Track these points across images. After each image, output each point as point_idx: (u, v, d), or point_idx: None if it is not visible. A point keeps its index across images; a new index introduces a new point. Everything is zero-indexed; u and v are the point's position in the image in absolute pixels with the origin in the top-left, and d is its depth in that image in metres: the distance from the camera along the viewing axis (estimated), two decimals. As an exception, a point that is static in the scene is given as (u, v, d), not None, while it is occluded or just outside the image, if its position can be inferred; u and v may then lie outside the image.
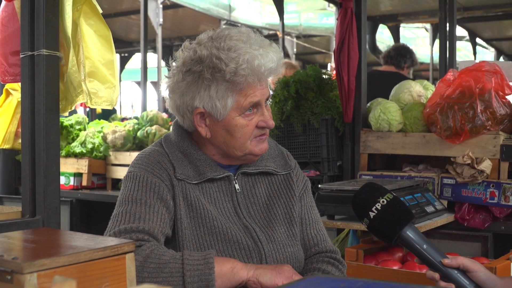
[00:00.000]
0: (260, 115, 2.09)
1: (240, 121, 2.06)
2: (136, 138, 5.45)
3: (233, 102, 2.04)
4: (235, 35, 2.05)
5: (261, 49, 2.02)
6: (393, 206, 1.99)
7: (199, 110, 2.07)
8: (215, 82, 2.02)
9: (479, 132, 3.57)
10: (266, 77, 2.07)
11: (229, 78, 1.99)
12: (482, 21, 11.34)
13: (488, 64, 3.68)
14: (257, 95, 2.05)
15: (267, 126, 2.11)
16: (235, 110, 2.05)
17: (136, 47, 14.58)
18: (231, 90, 2.02)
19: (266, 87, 2.09)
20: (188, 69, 2.05)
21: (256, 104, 2.07)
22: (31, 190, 2.46)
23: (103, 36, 2.73)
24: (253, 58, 1.99)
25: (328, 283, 1.17)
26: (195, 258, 1.87)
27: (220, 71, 1.99)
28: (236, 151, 2.10)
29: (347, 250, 3.16)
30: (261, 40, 2.07)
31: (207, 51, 2.02)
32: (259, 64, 2.00)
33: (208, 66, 2.01)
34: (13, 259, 1.25)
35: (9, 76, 2.67)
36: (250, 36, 2.06)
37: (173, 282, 1.83)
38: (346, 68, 4.13)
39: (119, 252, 1.41)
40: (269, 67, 2.03)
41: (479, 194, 3.55)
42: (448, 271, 1.95)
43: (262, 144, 2.13)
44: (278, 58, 2.06)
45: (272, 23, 14.09)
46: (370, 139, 4.04)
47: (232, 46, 2.00)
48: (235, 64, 1.98)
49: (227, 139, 2.09)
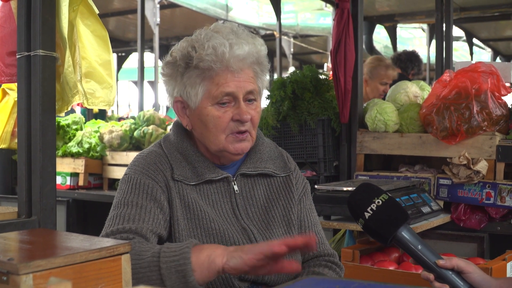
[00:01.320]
0: (236, 109, 2.05)
1: (212, 111, 2.04)
2: (132, 138, 5.45)
3: (204, 90, 2.03)
4: (220, 28, 2.06)
5: (235, 38, 2.02)
6: (388, 206, 2.00)
7: (177, 99, 2.10)
8: (188, 70, 2.04)
9: (475, 133, 3.57)
10: (238, 68, 2.03)
11: (196, 64, 2.01)
12: (479, 22, 11.35)
13: (484, 65, 3.69)
14: (230, 86, 2.02)
15: (240, 119, 2.04)
16: (207, 99, 2.04)
17: (133, 47, 14.58)
18: (200, 77, 2.03)
19: (246, 81, 2.05)
20: (169, 61, 2.10)
21: (233, 96, 2.04)
22: (27, 190, 2.46)
23: (100, 37, 2.73)
24: (220, 44, 1.98)
25: (323, 284, 1.18)
26: (172, 249, 1.78)
27: (191, 58, 2.01)
28: (211, 145, 2.08)
29: (343, 251, 3.16)
30: (242, 32, 2.06)
31: (187, 43, 2.06)
32: (223, 51, 1.98)
33: (184, 55, 2.04)
34: (8, 260, 1.25)
35: (5, 76, 2.67)
36: (232, 29, 2.06)
37: (152, 277, 1.76)
38: (342, 69, 4.13)
39: (115, 253, 1.41)
40: (236, 54, 2.00)
41: (475, 194, 3.56)
42: (442, 272, 1.96)
43: (239, 143, 2.08)
44: (251, 50, 2.03)
45: (269, 23, 14.11)
46: (366, 140, 4.04)
47: (208, 35, 2.02)
48: (202, 50, 1.99)
49: (203, 130, 2.08)
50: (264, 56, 2.11)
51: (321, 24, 15.11)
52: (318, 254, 2.22)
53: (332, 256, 2.24)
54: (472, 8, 9.73)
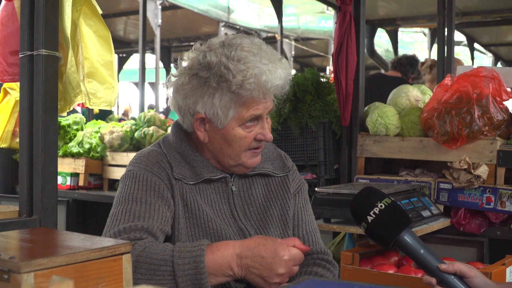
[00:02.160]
0: (260, 128, 2.10)
1: (239, 132, 2.06)
2: (133, 138, 5.45)
3: (235, 113, 2.03)
4: (246, 46, 2.03)
5: (270, 64, 2.01)
6: (391, 210, 2.00)
7: (200, 115, 2.07)
8: (220, 91, 2.01)
9: (476, 138, 3.57)
10: (271, 93, 2.06)
11: (235, 89, 1.99)
12: (480, 27, 11.34)
13: (485, 69, 3.69)
14: (260, 109, 2.05)
15: (265, 139, 2.11)
16: (236, 121, 2.05)
17: (134, 48, 14.58)
18: (234, 102, 2.02)
19: (270, 101, 2.09)
20: (195, 73, 2.04)
21: (258, 117, 2.07)
22: (29, 189, 2.46)
23: (103, 37, 2.73)
24: (261, 73, 1.98)
25: (323, 286, 1.18)
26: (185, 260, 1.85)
27: (227, 81, 1.99)
28: (229, 160, 2.11)
29: (343, 254, 3.16)
30: (272, 53, 2.06)
31: (217, 58, 2.01)
32: (266, 80, 1.99)
33: (215, 74, 2.00)
34: (10, 259, 1.26)
35: (8, 75, 2.67)
36: (261, 48, 2.05)
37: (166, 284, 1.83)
38: (344, 72, 4.13)
39: (116, 252, 1.41)
40: (276, 84, 2.02)
41: (476, 199, 3.55)
42: (444, 277, 1.96)
43: (256, 157, 2.15)
44: (286, 75, 2.06)
45: (271, 26, 14.12)
46: (367, 143, 4.04)
47: (242, 58, 1.99)
48: (242, 77, 1.97)
49: (224, 146, 2.09)
50: (291, 75, 2.15)
51: (322, 27, 15.13)
52: (311, 252, 2.23)
53: (325, 254, 2.25)
54: (473, 13, 9.72)
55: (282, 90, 2.09)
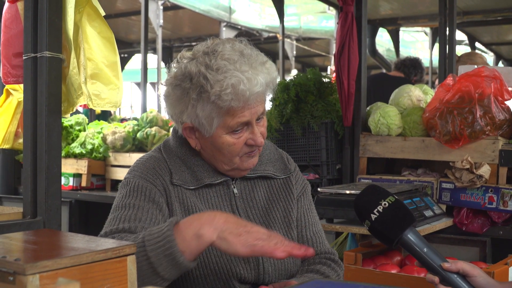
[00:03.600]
0: (250, 133, 2.05)
1: (227, 139, 2.03)
2: (135, 139, 5.45)
3: (219, 121, 2.00)
4: (227, 52, 1.99)
5: (251, 70, 1.96)
6: (395, 208, 2.00)
7: (188, 125, 2.06)
8: (202, 102, 1.98)
9: (478, 137, 3.58)
10: (253, 101, 2.00)
11: (214, 100, 1.95)
12: (482, 26, 11.34)
13: (487, 69, 3.69)
14: (246, 115, 2.01)
15: (255, 144, 2.07)
16: (222, 129, 2.02)
17: (136, 48, 14.58)
18: (216, 111, 1.98)
19: (258, 105, 2.03)
20: (178, 84, 2.03)
21: (246, 123, 2.03)
22: (33, 191, 2.47)
23: (107, 38, 2.74)
24: (238, 83, 1.93)
25: (328, 286, 1.18)
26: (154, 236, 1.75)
27: (206, 91, 1.96)
28: (224, 165, 2.10)
29: (345, 254, 3.16)
30: (255, 58, 2.01)
31: (196, 68, 1.98)
32: (243, 89, 1.94)
33: (195, 84, 1.98)
34: (15, 261, 1.26)
35: (12, 77, 2.68)
36: (243, 53, 2.00)
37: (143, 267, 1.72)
38: (346, 72, 4.13)
39: (121, 254, 1.42)
40: (255, 91, 1.97)
41: (478, 199, 3.56)
42: (447, 275, 1.96)
43: (251, 159, 2.11)
44: (267, 81, 2.01)
45: (272, 26, 14.11)
46: (369, 143, 4.05)
47: (221, 67, 1.95)
48: (219, 88, 1.93)
49: (215, 153, 2.08)
50: (276, 79, 2.09)
51: (323, 27, 15.12)
52: (318, 252, 2.22)
53: (331, 254, 2.24)
54: (475, 12, 9.72)
55: (264, 96, 2.05)
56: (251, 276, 2.04)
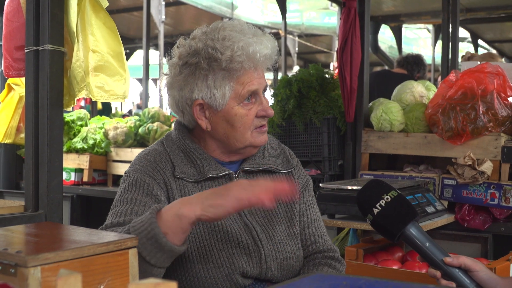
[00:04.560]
0: (259, 104, 2.09)
1: (239, 110, 2.06)
2: (137, 134, 5.45)
3: (231, 90, 2.04)
4: (228, 26, 2.06)
5: (255, 37, 2.04)
6: (397, 203, 2.00)
7: (198, 102, 2.07)
8: (212, 72, 2.02)
9: (480, 134, 3.57)
10: (262, 65, 2.08)
11: (226, 66, 2.00)
12: (485, 23, 11.32)
13: (490, 65, 3.68)
14: (255, 84, 2.06)
15: (266, 115, 2.11)
16: (234, 99, 2.05)
17: (138, 44, 14.55)
18: (228, 79, 2.03)
19: (263, 76, 2.10)
20: (185, 62, 2.06)
21: (254, 93, 2.07)
22: (34, 184, 2.46)
23: (111, 28, 2.72)
24: (248, 45, 2.01)
25: (329, 280, 1.18)
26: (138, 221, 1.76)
27: (216, 60, 2.00)
28: (236, 143, 2.10)
29: (347, 249, 3.16)
30: (254, 30, 2.09)
31: (202, 43, 2.03)
32: (254, 50, 2.01)
33: (204, 56, 2.02)
34: (17, 253, 1.26)
35: (14, 70, 2.68)
36: (243, 27, 2.08)
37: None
38: (348, 68, 4.13)
39: (122, 247, 1.42)
40: (264, 53, 2.04)
41: (480, 195, 3.55)
42: (449, 270, 1.96)
43: (262, 135, 2.13)
44: (272, 45, 2.08)
45: (275, 22, 14.10)
46: (371, 139, 4.04)
47: (226, 36, 2.02)
48: (230, 52, 1.99)
49: (228, 130, 2.08)
50: (277, 47, 2.15)
51: (326, 24, 15.10)
52: (318, 250, 2.22)
53: (333, 251, 2.24)
54: (477, 9, 9.71)
55: (272, 60, 2.11)
56: (254, 270, 2.04)
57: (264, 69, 2.12)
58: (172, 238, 1.74)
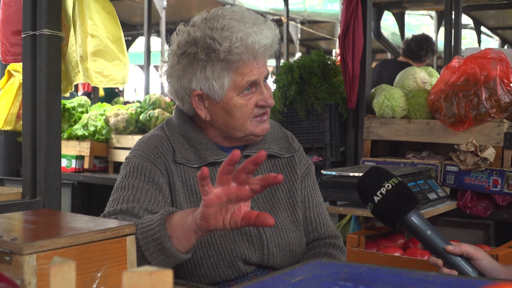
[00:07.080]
0: (259, 94, 2.06)
1: (238, 101, 2.03)
2: (138, 121, 5.43)
3: (230, 81, 2.01)
4: (228, 14, 2.02)
5: (255, 26, 2.00)
6: (398, 190, 1.97)
7: (197, 92, 2.05)
8: (210, 63, 1.99)
9: (483, 120, 3.55)
10: (262, 55, 2.04)
11: (224, 57, 1.97)
12: (487, 10, 11.27)
13: (493, 51, 3.66)
14: (254, 74, 2.02)
15: (266, 105, 2.07)
16: (233, 90, 2.02)
17: (139, 31, 14.52)
18: (227, 70, 2.00)
19: (264, 65, 2.07)
20: (183, 52, 2.03)
21: (255, 83, 2.04)
22: (32, 171, 2.45)
23: (110, 12, 2.69)
24: (247, 35, 1.97)
25: (331, 267, 1.16)
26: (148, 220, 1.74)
27: (215, 51, 1.97)
28: (236, 132, 2.08)
29: (349, 236, 3.15)
30: (255, 18, 2.05)
31: (201, 32, 2.00)
32: (253, 41, 1.97)
33: (202, 47, 1.99)
34: (12, 240, 1.24)
35: (11, 56, 2.65)
36: (243, 14, 2.04)
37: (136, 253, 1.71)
38: (350, 54, 4.10)
39: (120, 234, 1.40)
40: (264, 43, 2.00)
41: (482, 181, 3.54)
42: (451, 258, 1.94)
43: (263, 124, 2.10)
44: (273, 34, 2.04)
45: (277, 8, 14.04)
46: (373, 125, 4.02)
47: (225, 25, 1.98)
48: (228, 43, 1.95)
49: (227, 120, 2.06)
50: (279, 35, 2.12)
51: (328, 10, 15.03)
52: (319, 236, 2.20)
53: (334, 237, 2.22)
54: (480, -5, 9.67)
55: (272, 49, 2.07)
56: (256, 257, 2.02)
57: (266, 58, 2.09)
58: (176, 243, 1.71)
